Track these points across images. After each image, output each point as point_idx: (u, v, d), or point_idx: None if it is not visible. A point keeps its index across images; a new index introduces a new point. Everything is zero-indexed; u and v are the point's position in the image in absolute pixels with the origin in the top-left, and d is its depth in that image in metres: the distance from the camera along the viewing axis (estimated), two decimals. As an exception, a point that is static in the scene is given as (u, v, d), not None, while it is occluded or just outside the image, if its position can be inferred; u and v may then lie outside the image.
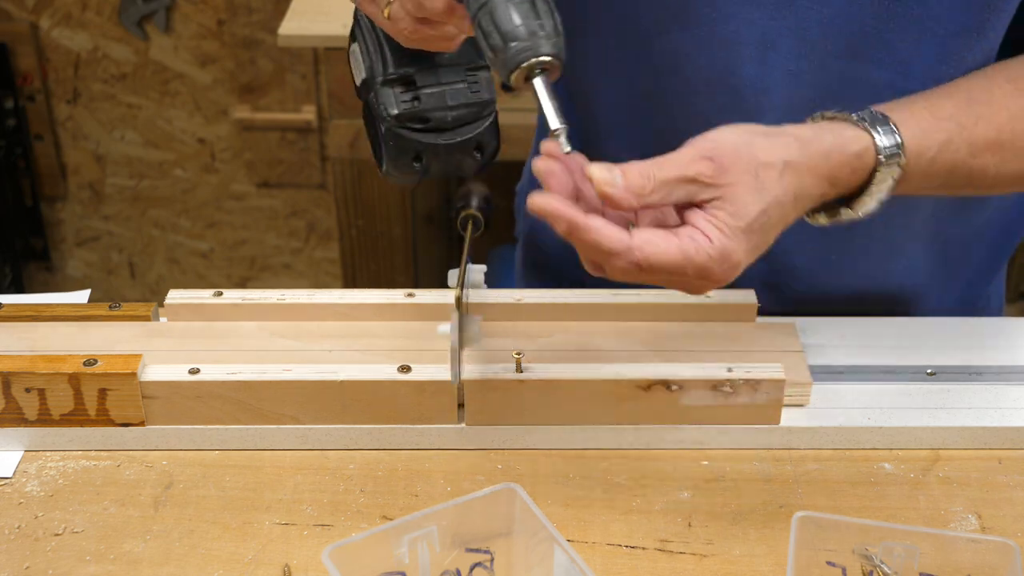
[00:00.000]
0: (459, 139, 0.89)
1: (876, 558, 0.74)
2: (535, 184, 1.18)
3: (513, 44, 0.72)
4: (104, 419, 0.89)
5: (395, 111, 0.88)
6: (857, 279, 1.05)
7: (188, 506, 0.86)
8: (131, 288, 2.65)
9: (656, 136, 0.94)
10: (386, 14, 0.85)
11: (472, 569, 0.75)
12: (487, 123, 0.90)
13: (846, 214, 0.82)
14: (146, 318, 0.98)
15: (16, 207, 2.47)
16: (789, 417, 0.91)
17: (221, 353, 0.94)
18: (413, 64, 0.89)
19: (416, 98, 0.88)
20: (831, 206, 0.83)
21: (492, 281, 1.02)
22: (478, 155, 0.90)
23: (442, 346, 0.95)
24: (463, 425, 0.90)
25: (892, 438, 0.91)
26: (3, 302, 0.99)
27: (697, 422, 0.90)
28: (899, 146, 0.81)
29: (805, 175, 0.78)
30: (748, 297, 0.98)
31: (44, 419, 0.89)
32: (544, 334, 0.97)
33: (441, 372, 0.88)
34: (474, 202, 1.01)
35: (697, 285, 0.77)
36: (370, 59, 0.91)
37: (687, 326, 0.98)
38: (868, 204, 0.82)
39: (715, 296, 0.98)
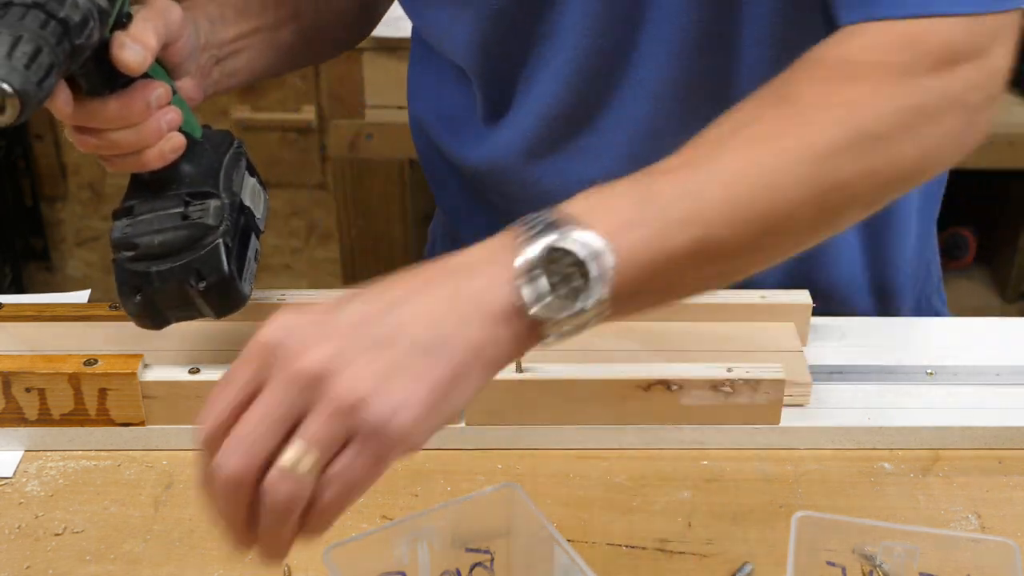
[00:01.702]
0: (168, 266, 0.85)
1: (876, 558, 0.74)
2: (448, 220, 1.19)
3: None
4: (104, 419, 0.89)
5: (112, 237, 0.86)
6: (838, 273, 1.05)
7: (188, 506, 0.85)
8: (131, 288, 2.65)
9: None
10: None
11: (472, 569, 0.75)
12: (207, 250, 0.85)
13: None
14: (146, 318, 0.98)
15: (16, 207, 2.47)
16: (789, 417, 0.91)
17: (221, 353, 0.94)
18: (139, 195, 0.88)
19: (130, 225, 0.86)
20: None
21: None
22: (198, 284, 0.85)
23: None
24: (463, 425, 0.90)
25: (892, 438, 0.91)
26: (3, 302, 0.99)
27: (697, 422, 0.90)
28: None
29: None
30: (803, 297, 0.99)
31: (44, 419, 0.89)
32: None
33: (441, 372, 0.88)
34: None
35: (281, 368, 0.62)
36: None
37: (687, 326, 0.98)
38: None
39: (769, 296, 0.99)
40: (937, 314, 1.16)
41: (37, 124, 2.40)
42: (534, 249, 0.62)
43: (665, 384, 0.88)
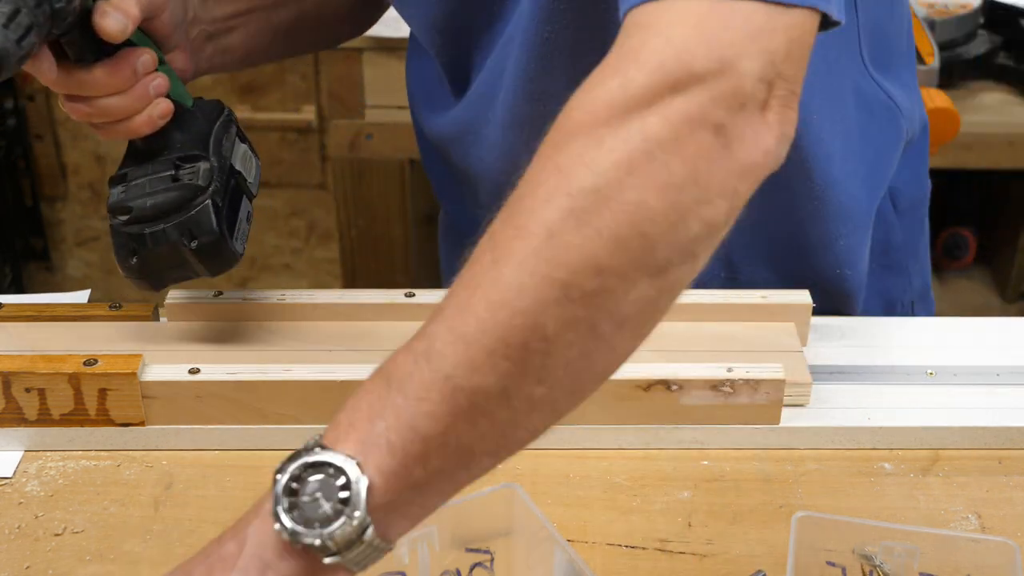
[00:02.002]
0: (161, 227, 0.87)
1: (876, 558, 0.74)
2: (452, 218, 1.19)
3: None
4: (104, 419, 0.89)
5: (108, 203, 0.89)
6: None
7: (188, 506, 0.85)
8: (131, 288, 2.64)
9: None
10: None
11: (472, 569, 0.75)
12: (197, 210, 0.87)
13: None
14: (146, 318, 0.98)
15: (16, 207, 2.47)
16: (789, 417, 0.91)
17: (221, 353, 0.94)
18: (133, 162, 0.90)
19: (124, 190, 0.89)
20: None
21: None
22: (190, 243, 0.87)
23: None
24: (463, 425, 0.89)
25: (892, 438, 0.91)
26: (3, 302, 0.99)
27: (697, 422, 0.90)
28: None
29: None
30: (803, 297, 0.99)
31: (44, 419, 0.89)
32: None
33: (441, 372, 0.88)
34: None
35: None
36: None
37: (687, 326, 0.98)
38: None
39: (769, 296, 0.99)
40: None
41: (37, 124, 2.40)
42: (280, 483, 0.60)
43: (665, 384, 0.88)
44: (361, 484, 0.58)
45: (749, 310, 0.98)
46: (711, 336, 0.97)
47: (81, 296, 1.07)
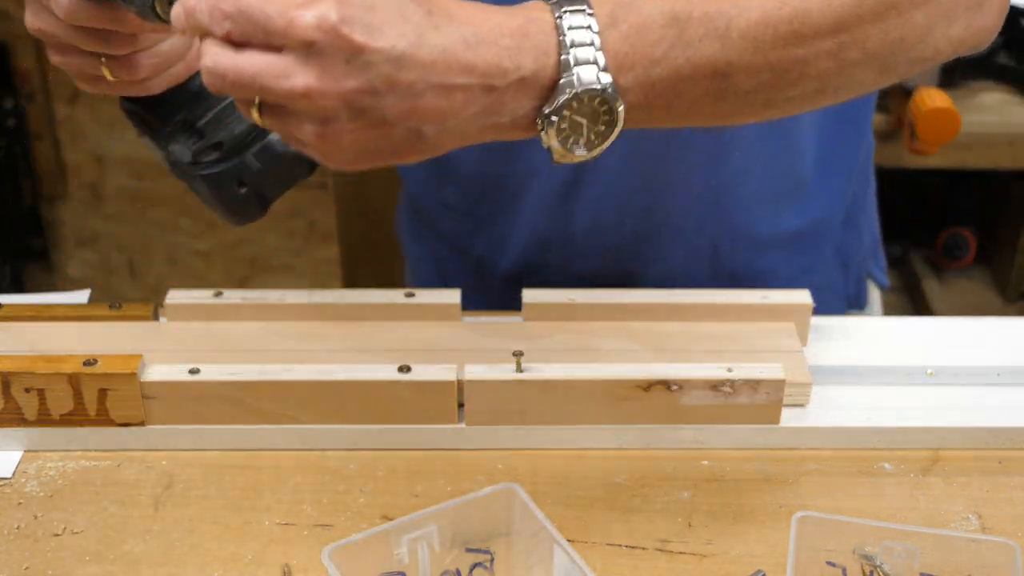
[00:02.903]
0: (260, 143, 0.87)
1: (876, 558, 0.74)
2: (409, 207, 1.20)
3: None
4: (104, 419, 0.89)
5: (188, 158, 0.87)
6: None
7: (188, 506, 0.86)
8: (131, 288, 2.65)
9: None
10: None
11: (472, 569, 0.75)
12: None
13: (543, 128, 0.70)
14: (146, 318, 0.98)
15: (16, 207, 2.47)
16: (789, 417, 0.91)
17: (221, 353, 0.94)
18: (179, 110, 0.88)
19: (197, 132, 0.87)
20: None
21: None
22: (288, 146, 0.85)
23: (442, 346, 0.95)
24: (463, 425, 0.90)
25: (892, 438, 0.91)
26: (3, 302, 0.99)
27: (697, 422, 0.90)
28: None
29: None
30: (803, 297, 0.99)
31: (44, 419, 0.89)
32: (544, 334, 0.97)
33: (441, 372, 0.88)
34: None
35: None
36: (148, 136, 0.91)
37: (687, 326, 0.98)
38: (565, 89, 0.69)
39: (769, 296, 0.98)
40: (870, 275, 1.20)
41: (37, 124, 2.40)
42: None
43: (665, 384, 0.88)
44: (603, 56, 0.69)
45: (749, 310, 0.98)
46: (711, 336, 0.97)
47: (81, 296, 1.07)
